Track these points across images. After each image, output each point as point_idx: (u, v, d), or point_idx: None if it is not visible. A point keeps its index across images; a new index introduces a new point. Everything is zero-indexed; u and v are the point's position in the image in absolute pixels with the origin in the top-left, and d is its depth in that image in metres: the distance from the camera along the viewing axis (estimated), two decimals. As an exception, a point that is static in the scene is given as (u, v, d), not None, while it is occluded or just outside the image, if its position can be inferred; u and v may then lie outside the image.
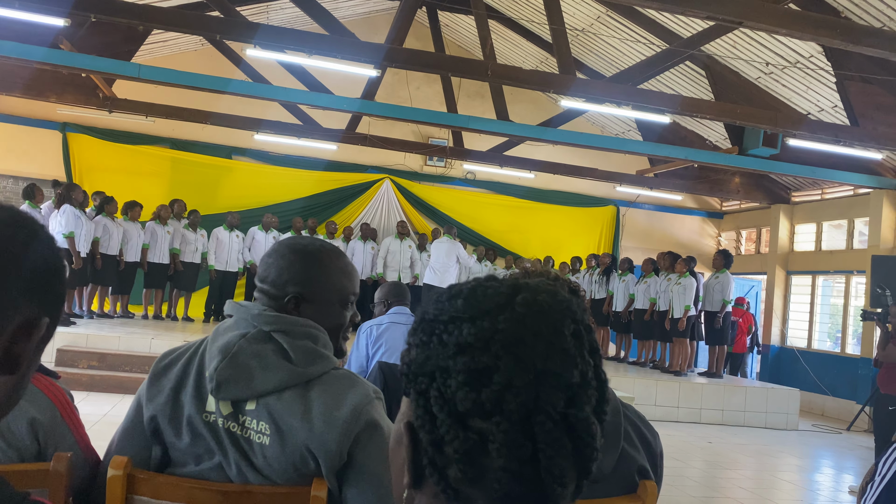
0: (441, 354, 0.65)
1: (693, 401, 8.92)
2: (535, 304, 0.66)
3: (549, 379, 0.63)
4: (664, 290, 10.01)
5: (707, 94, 10.29)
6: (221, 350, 1.39)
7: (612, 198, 13.93)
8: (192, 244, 10.17)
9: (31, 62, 7.94)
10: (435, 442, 0.64)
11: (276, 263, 1.48)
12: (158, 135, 12.03)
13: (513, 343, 0.64)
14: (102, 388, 6.83)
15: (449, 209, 13.26)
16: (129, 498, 1.39)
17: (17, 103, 11.23)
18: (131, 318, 9.75)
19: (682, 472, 6.23)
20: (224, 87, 8.58)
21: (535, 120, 10.75)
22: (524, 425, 0.62)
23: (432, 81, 12.16)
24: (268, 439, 1.36)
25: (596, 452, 0.66)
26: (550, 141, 9.86)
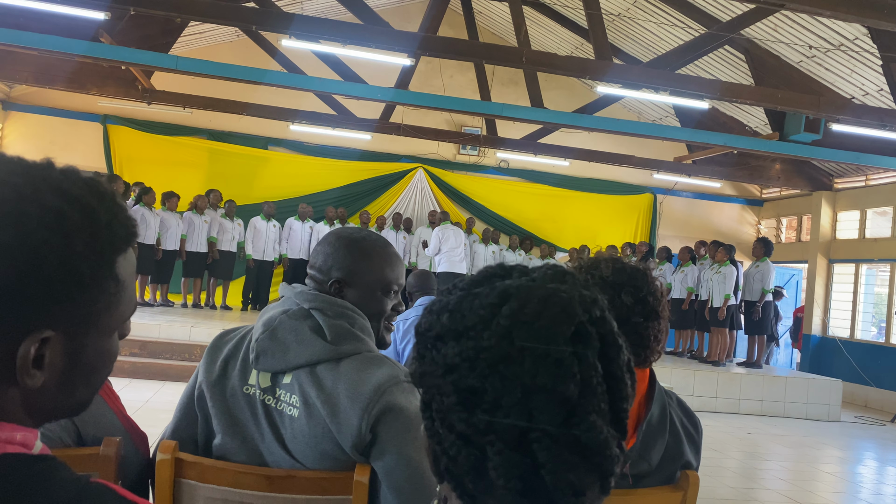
0: (434, 372, 0.64)
1: (731, 391, 8.79)
2: (522, 315, 0.62)
3: (539, 395, 0.59)
4: (703, 278, 9.87)
5: (747, 79, 10.08)
6: (265, 324, 1.47)
7: (648, 185, 13.75)
8: (228, 233, 10.31)
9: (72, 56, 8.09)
10: (445, 453, 0.63)
11: (324, 251, 1.56)
12: (196, 126, 12.19)
13: (498, 361, 0.60)
14: (144, 375, 6.97)
15: (482, 198, 13.22)
16: (177, 481, 1.41)
17: (60, 96, 11.48)
18: (171, 307, 9.92)
19: (721, 464, 6.15)
20: (260, 78, 8.64)
21: (570, 107, 10.63)
22: (520, 443, 0.59)
23: (466, 69, 12.11)
24: (297, 412, 1.40)
25: (612, 458, 0.62)
26: (586, 128, 9.74)
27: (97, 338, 0.68)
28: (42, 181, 0.64)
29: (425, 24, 8.20)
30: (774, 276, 9.78)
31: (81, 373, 0.68)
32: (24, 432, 0.64)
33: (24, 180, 0.63)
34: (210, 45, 12.03)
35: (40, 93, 11.61)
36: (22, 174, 0.64)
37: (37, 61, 9.67)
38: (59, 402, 0.68)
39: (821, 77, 9.73)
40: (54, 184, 0.64)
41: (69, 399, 0.69)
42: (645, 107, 13.10)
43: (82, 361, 0.67)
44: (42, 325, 0.63)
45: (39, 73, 9.96)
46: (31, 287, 0.61)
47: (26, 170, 0.64)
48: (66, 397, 0.68)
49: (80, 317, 0.65)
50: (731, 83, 9.07)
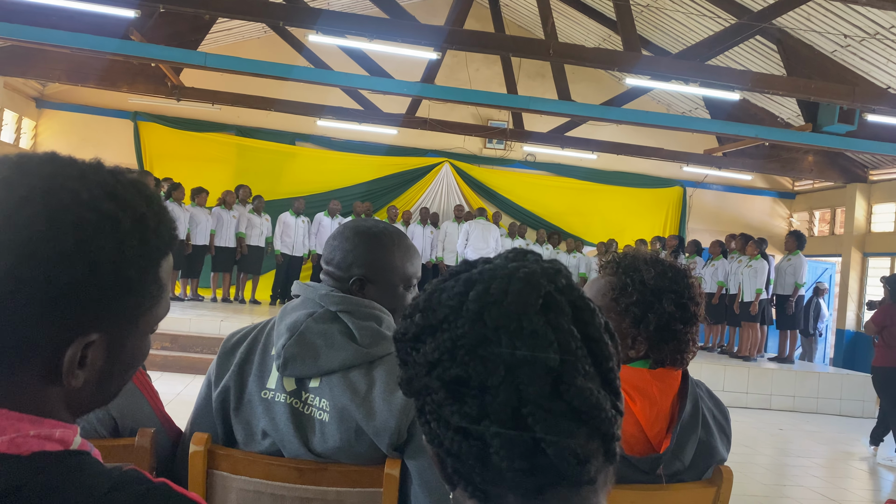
0: (419, 374, 0.64)
1: (763, 387, 8.67)
2: (488, 294, 0.62)
3: (523, 369, 0.60)
4: (734, 272, 9.73)
5: (779, 70, 9.90)
6: (289, 328, 1.42)
7: (678, 178, 13.59)
8: (256, 228, 10.40)
9: (103, 54, 8.21)
10: (448, 453, 0.63)
11: (341, 246, 1.51)
12: (224, 122, 12.31)
13: (475, 345, 0.61)
14: (175, 368, 7.07)
15: (508, 192, 13.17)
16: (210, 473, 1.42)
17: (92, 94, 11.66)
18: (201, 301, 10.05)
19: (752, 460, 6.07)
20: (287, 74, 8.69)
21: (597, 99, 10.54)
22: (516, 421, 0.59)
23: (492, 63, 12.06)
24: (327, 416, 1.39)
25: (608, 419, 0.62)
26: (614, 120, 9.64)
27: (136, 338, 0.70)
28: (97, 186, 0.64)
29: (451, 17, 8.18)
30: (807, 270, 9.62)
31: (118, 370, 0.69)
32: (63, 429, 0.65)
33: (81, 185, 0.64)
34: (238, 41, 12.13)
35: (72, 91, 11.81)
36: (78, 178, 0.64)
37: (69, 59, 9.83)
38: (94, 396, 0.70)
39: (855, 66, 9.53)
40: (109, 189, 0.65)
41: (103, 393, 0.70)
42: (674, 98, 12.94)
43: (120, 360, 0.69)
44: (90, 329, 0.64)
45: (71, 72, 10.13)
46: (84, 293, 0.62)
47: (82, 173, 0.65)
48: (102, 392, 0.70)
49: (124, 319, 0.67)
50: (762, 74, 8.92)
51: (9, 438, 0.61)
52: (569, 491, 0.62)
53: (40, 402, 0.64)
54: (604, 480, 0.64)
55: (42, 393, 0.64)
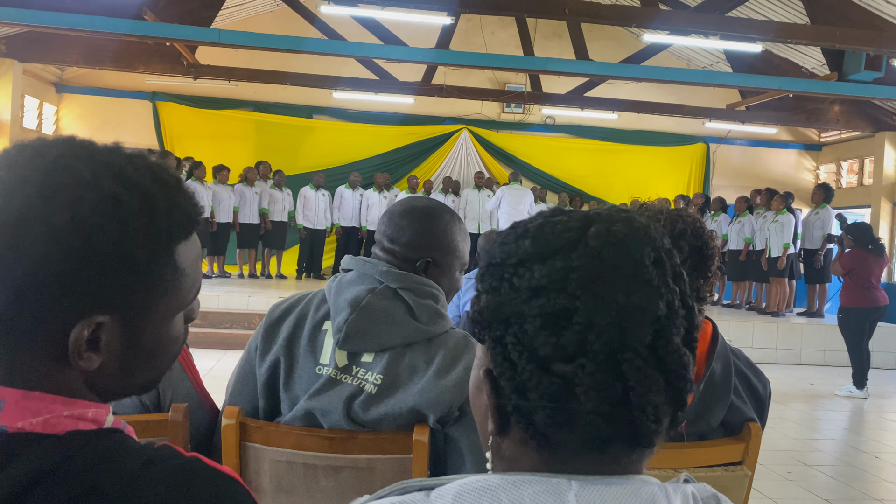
0: (514, 299, 0.63)
1: (792, 342, 8.61)
2: (610, 235, 0.62)
3: (633, 314, 0.60)
4: (760, 228, 9.61)
5: (802, 18, 9.63)
6: (350, 303, 1.43)
7: (701, 134, 13.38)
8: (279, 203, 10.46)
9: (118, 35, 8.22)
10: (518, 389, 0.62)
11: (412, 227, 1.52)
12: (241, 98, 12.31)
13: (590, 280, 0.60)
14: (206, 344, 7.19)
15: (528, 156, 13.07)
16: (242, 445, 1.45)
17: (109, 76, 11.72)
18: (228, 278, 10.17)
19: (782, 415, 6.06)
20: (300, 46, 8.65)
21: (616, 57, 10.36)
22: (611, 365, 0.59)
23: (507, 25, 11.88)
24: (375, 389, 1.40)
25: (689, 384, 0.63)
26: (633, 78, 9.51)
27: (156, 323, 0.69)
28: (104, 167, 0.64)
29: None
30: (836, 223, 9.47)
31: (141, 357, 0.69)
32: (95, 409, 0.66)
33: (86, 165, 0.64)
34: (250, 16, 12.07)
35: (90, 74, 11.87)
36: (86, 159, 0.64)
37: (85, 43, 9.87)
38: (121, 383, 0.70)
39: (881, 11, 9.23)
40: (116, 170, 0.65)
41: (132, 381, 0.70)
42: (694, 53, 12.67)
43: (140, 346, 0.68)
44: (95, 310, 0.63)
45: (88, 55, 10.18)
46: (83, 272, 0.62)
47: (91, 154, 0.65)
48: (128, 379, 0.70)
49: (136, 302, 0.66)
50: (784, 23, 8.70)
51: (43, 419, 0.63)
52: (626, 450, 0.62)
53: (68, 385, 0.66)
54: (653, 451, 0.65)
55: (66, 375, 0.65)
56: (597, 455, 0.62)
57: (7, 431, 0.61)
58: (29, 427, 0.62)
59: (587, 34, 9.41)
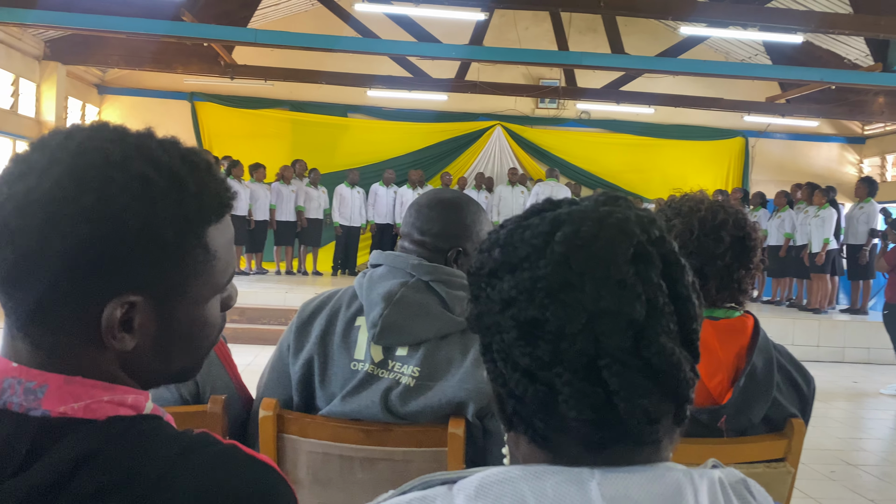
0: (491, 310, 0.62)
1: (835, 339, 8.41)
2: (577, 237, 0.59)
3: (604, 319, 0.57)
4: (801, 223, 9.41)
5: (844, 7, 9.39)
6: (384, 297, 1.43)
7: (739, 128, 13.14)
8: (314, 201, 10.56)
9: (157, 36, 8.38)
10: (512, 395, 0.62)
11: (441, 218, 1.52)
12: (277, 98, 12.44)
13: (557, 288, 0.58)
14: (244, 340, 7.28)
15: (563, 152, 12.97)
16: (279, 436, 1.47)
17: (149, 77, 11.94)
18: (265, 274, 10.30)
19: (824, 413, 5.92)
20: (335, 45, 8.72)
21: (652, 51, 10.22)
22: (589, 372, 0.58)
23: (541, 20, 11.80)
24: (413, 381, 1.41)
25: (686, 381, 0.60)
26: (670, 72, 9.38)
27: (188, 305, 0.69)
28: (134, 149, 0.65)
29: (498, -24, 8.02)
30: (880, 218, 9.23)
31: (175, 340, 0.69)
32: (134, 395, 0.67)
33: (116, 147, 0.65)
34: (286, 16, 12.18)
35: (131, 75, 12.11)
36: (117, 141, 0.66)
37: (125, 45, 10.08)
38: (158, 367, 0.70)
39: (929, -2, 8.97)
40: (146, 152, 0.66)
41: (168, 365, 0.71)
42: (732, 46, 12.44)
43: (174, 328, 0.69)
44: (127, 290, 0.64)
45: (129, 56, 10.39)
46: (113, 251, 0.62)
47: (121, 137, 0.66)
48: (164, 363, 0.70)
49: (168, 283, 0.66)
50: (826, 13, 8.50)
51: (84, 404, 0.64)
52: (632, 448, 0.61)
53: (107, 370, 0.66)
54: (669, 441, 0.63)
55: (104, 359, 0.66)
56: (603, 453, 0.61)
57: (50, 416, 0.62)
58: (71, 412, 0.63)
59: (622, 28, 9.31)
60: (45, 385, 0.63)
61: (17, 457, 0.60)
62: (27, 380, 0.63)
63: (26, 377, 0.63)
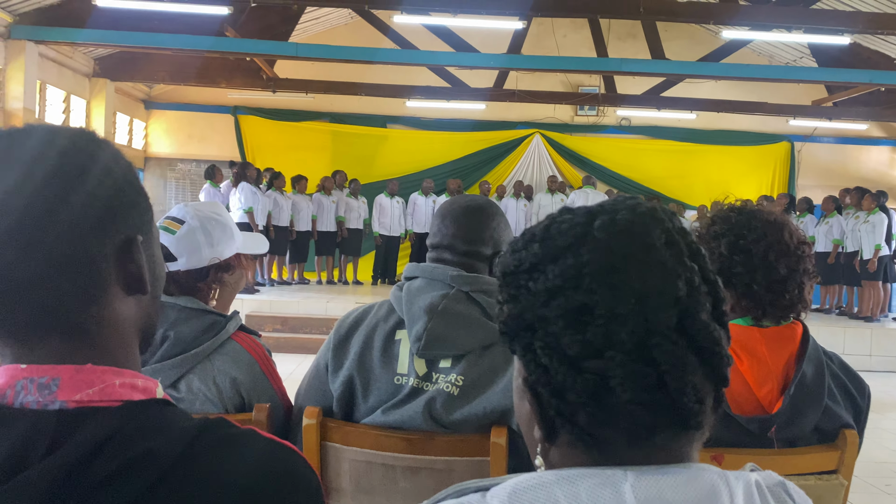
0: (534, 304, 0.63)
1: (888, 348, 8.15)
2: (615, 224, 0.62)
3: (652, 298, 0.60)
4: (851, 229, 9.16)
5: (893, 7, 9.15)
6: (427, 310, 1.43)
7: (784, 133, 12.87)
8: (354, 211, 10.65)
9: (202, 52, 8.58)
10: (555, 392, 0.62)
11: (482, 224, 1.54)
12: (318, 110, 12.61)
13: (604, 272, 0.61)
14: (286, 349, 7.37)
15: (603, 159, 12.88)
16: (323, 445, 1.48)
17: (193, 92, 12.22)
18: (307, 284, 10.41)
19: (878, 425, 5.74)
20: (374, 57, 8.82)
21: (693, 56, 10.10)
22: (640, 352, 0.59)
23: (579, 27, 11.75)
24: (457, 390, 1.41)
25: (725, 358, 0.63)
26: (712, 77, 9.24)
27: (156, 247, 0.76)
28: (54, 126, 0.71)
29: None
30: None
31: (157, 282, 0.75)
32: (143, 380, 0.69)
33: (47, 127, 0.70)
34: (326, 29, 12.36)
35: (176, 90, 12.41)
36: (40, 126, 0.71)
37: (171, 61, 10.34)
38: (151, 318, 0.75)
39: (984, -4, 8.69)
40: (61, 126, 0.72)
41: (155, 313, 0.76)
42: (776, 49, 12.22)
43: (155, 269, 0.75)
44: (134, 231, 0.70)
45: (174, 72, 10.66)
46: (116, 198, 0.69)
47: (35, 125, 0.72)
48: (155, 310, 0.76)
49: (146, 222, 0.73)
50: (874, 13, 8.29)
51: (99, 388, 0.65)
52: (674, 436, 0.62)
53: (116, 340, 0.69)
54: (703, 433, 0.64)
55: (117, 324, 0.69)
56: (646, 445, 0.62)
57: (67, 407, 0.64)
58: (87, 398, 0.64)
59: (662, 33, 9.21)
60: (58, 377, 0.64)
61: (39, 449, 0.61)
62: (38, 376, 0.64)
63: (37, 374, 0.64)
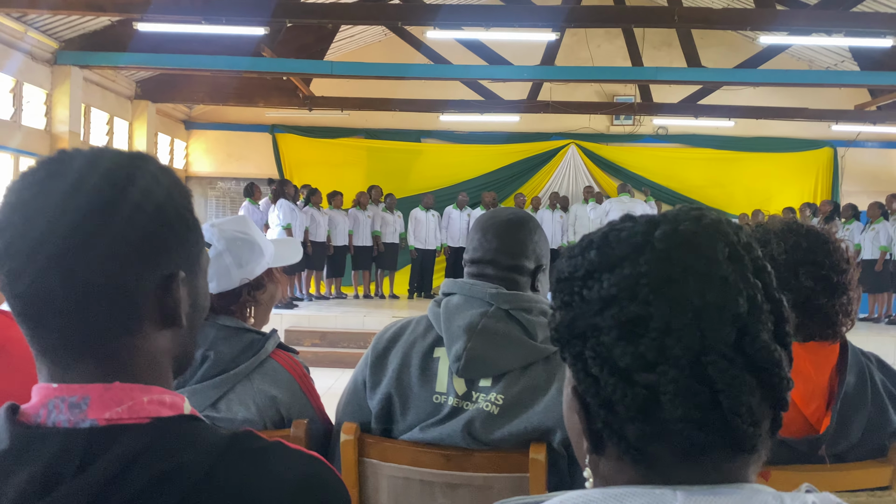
0: (586, 312, 0.61)
1: (942, 358, 7.87)
2: (677, 235, 0.60)
3: (710, 314, 0.57)
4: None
5: (938, 7, 8.92)
6: (466, 330, 1.41)
7: (827, 138, 12.58)
8: (390, 226, 10.71)
9: (239, 72, 8.75)
10: (604, 404, 0.61)
11: (524, 238, 1.52)
12: (353, 126, 12.75)
13: (661, 284, 0.58)
14: (325, 363, 7.42)
15: (640, 168, 12.74)
16: (360, 461, 1.48)
17: (232, 111, 12.47)
18: (345, 298, 10.48)
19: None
20: (408, 73, 8.89)
21: (730, 62, 9.95)
22: (694, 369, 0.57)
23: (614, 37, 11.69)
24: (497, 409, 1.39)
25: (785, 381, 0.60)
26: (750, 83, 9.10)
27: (202, 278, 0.76)
28: (117, 153, 0.72)
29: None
30: None
31: (198, 314, 0.76)
32: (170, 395, 0.70)
33: (110, 154, 0.71)
34: (360, 46, 12.50)
35: (215, 110, 12.67)
36: (102, 152, 0.72)
37: (209, 82, 10.56)
38: (186, 349, 0.75)
39: None
40: (125, 152, 0.73)
41: (191, 345, 0.76)
42: (816, 53, 11.98)
43: (198, 302, 0.75)
44: (176, 267, 0.70)
45: (213, 93, 10.89)
46: (162, 233, 0.69)
47: (98, 150, 0.73)
48: (191, 342, 0.76)
49: (192, 256, 0.73)
50: (919, 14, 8.07)
51: (127, 406, 0.66)
52: (727, 457, 0.59)
53: (147, 366, 0.69)
54: (759, 455, 0.61)
55: (150, 352, 0.69)
56: (696, 464, 0.59)
57: (98, 426, 0.65)
58: (116, 416, 0.65)
59: (698, 40, 9.11)
60: (87, 396, 0.66)
61: (71, 467, 0.62)
62: (69, 395, 0.66)
63: (68, 393, 0.66)
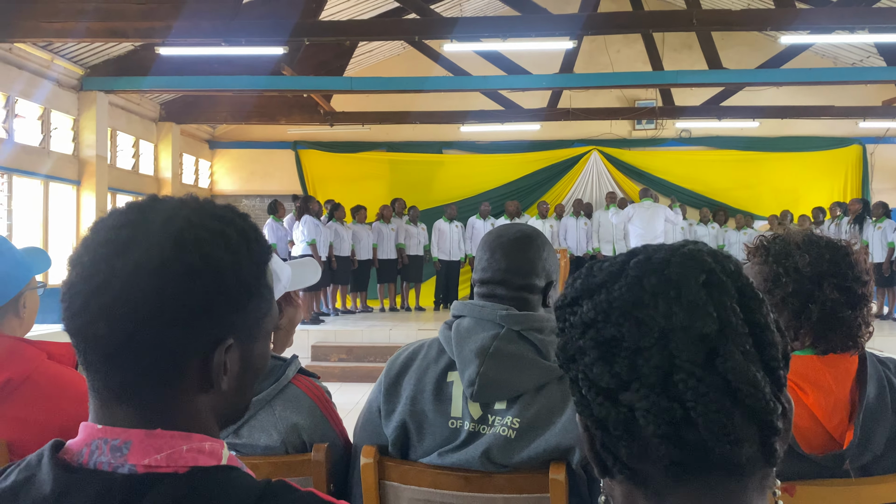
0: (574, 336, 0.66)
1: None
2: (650, 263, 0.64)
3: (677, 335, 0.60)
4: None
5: (965, -2, 8.74)
6: (477, 354, 1.40)
7: (854, 136, 12.37)
8: (414, 238, 10.74)
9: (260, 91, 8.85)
10: (599, 424, 0.64)
11: (534, 255, 1.50)
12: (375, 140, 12.83)
13: (631, 307, 0.62)
14: (352, 378, 7.44)
15: (664, 172, 12.62)
16: (381, 483, 1.48)
17: (254, 130, 12.64)
18: (370, 312, 10.52)
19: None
20: (427, 86, 8.93)
21: (752, 63, 9.84)
22: (665, 387, 0.60)
23: (633, 42, 11.63)
24: (514, 433, 1.38)
25: (769, 402, 0.60)
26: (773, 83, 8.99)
27: (261, 342, 0.76)
28: (207, 211, 0.72)
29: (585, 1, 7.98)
30: None
31: (250, 376, 0.76)
32: (210, 442, 0.70)
33: (193, 212, 0.72)
34: (379, 61, 12.60)
35: (238, 129, 12.84)
36: (191, 207, 0.73)
37: (232, 101, 10.71)
38: (234, 406, 0.75)
39: None
40: (215, 212, 0.73)
41: (241, 403, 0.77)
42: (841, 49, 11.80)
43: (251, 365, 0.75)
44: (227, 334, 0.70)
45: (235, 112, 11.04)
46: (217, 300, 0.69)
47: (183, 203, 0.74)
48: (239, 400, 0.76)
49: (250, 323, 0.73)
50: (945, 6, 7.92)
51: (166, 454, 0.67)
52: (717, 479, 0.61)
53: (188, 417, 0.70)
54: (759, 480, 0.62)
55: (191, 406, 0.71)
56: (691, 487, 0.61)
57: (137, 472, 0.66)
58: (154, 463, 0.67)
59: (719, 42, 9.02)
60: (129, 441, 0.67)
61: None
62: (111, 438, 0.68)
63: (111, 436, 0.68)
